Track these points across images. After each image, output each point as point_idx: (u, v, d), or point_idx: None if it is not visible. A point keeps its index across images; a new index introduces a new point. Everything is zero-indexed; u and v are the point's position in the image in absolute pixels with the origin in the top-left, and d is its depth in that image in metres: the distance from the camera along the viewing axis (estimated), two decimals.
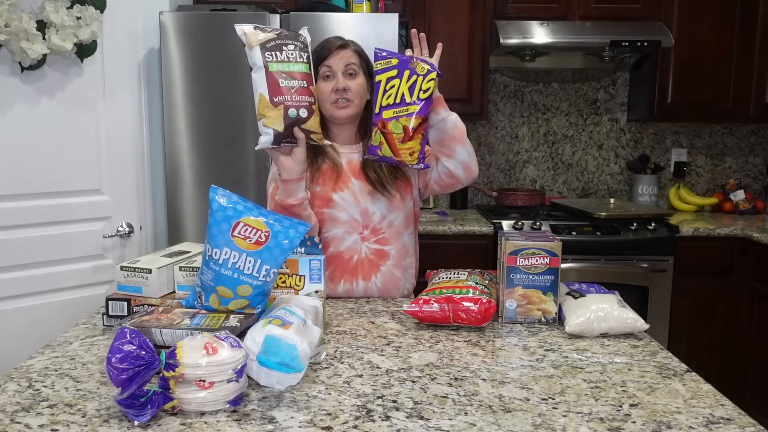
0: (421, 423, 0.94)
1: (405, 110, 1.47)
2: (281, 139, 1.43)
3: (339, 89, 1.61)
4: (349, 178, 1.67)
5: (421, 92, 1.47)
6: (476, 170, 1.66)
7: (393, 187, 1.67)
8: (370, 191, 1.66)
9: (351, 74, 1.63)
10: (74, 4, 2.09)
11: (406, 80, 1.47)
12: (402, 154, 1.50)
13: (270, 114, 1.41)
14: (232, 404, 0.97)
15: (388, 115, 1.48)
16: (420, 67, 1.47)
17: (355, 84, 1.63)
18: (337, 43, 1.64)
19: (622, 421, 0.95)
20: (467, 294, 1.36)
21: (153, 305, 1.32)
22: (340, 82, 1.61)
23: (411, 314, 1.38)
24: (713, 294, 2.91)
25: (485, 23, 3.06)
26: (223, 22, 2.51)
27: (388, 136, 1.49)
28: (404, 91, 1.47)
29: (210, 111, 2.55)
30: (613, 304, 1.36)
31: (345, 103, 1.62)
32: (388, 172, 1.68)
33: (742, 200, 3.30)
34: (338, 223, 1.65)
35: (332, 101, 1.62)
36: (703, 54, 3.10)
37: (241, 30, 1.43)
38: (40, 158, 2.15)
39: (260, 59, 1.41)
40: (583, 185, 3.53)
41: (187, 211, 2.60)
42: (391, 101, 1.48)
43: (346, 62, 1.62)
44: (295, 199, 1.53)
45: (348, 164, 1.69)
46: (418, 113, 1.48)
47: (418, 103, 1.48)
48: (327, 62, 1.62)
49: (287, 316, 1.10)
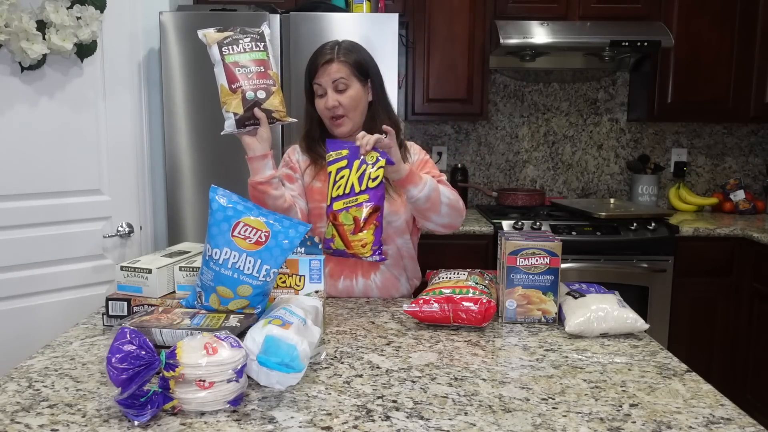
0: (421, 423, 0.94)
1: (354, 200, 1.43)
2: (244, 122, 1.49)
3: (329, 107, 1.61)
4: None
5: (370, 181, 1.42)
6: (459, 222, 1.65)
7: (396, 192, 1.67)
8: None
9: (341, 90, 1.61)
10: (74, 4, 2.09)
11: (356, 170, 1.43)
12: (354, 247, 1.44)
13: (230, 101, 1.47)
14: (232, 404, 0.97)
15: (338, 207, 1.43)
16: (370, 155, 1.43)
17: (346, 97, 1.61)
18: (322, 59, 1.61)
19: (622, 421, 0.95)
20: (467, 294, 1.36)
21: (153, 305, 1.32)
22: (330, 99, 1.61)
23: (411, 314, 1.38)
24: (713, 294, 2.91)
25: (485, 23, 3.06)
26: (224, 22, 2.51)
27: (340, 229, 1.43)
28: (353, 182, 1.43)
29: (210, 111, 2.54)
30: (613, 304, 1.36)
31: (340, 120, 1.63)
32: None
33: (742, 200, 3.30)
34: None
35: (328, 118, 1.64)
36: (703, 54, 3.10)
37: (202, 33, 1.50)
38: (40, 158, 2.15)
39: (218, 54, 1.48)
40: (583, 185, 3.53)
41: (187, 211, 2.60)
42: (340, 192, 1.43)
43: (333, 78, 1.60)
44: (262, 176, 1.52)
45: None
46: (368, 202, 1.42)
47: (368, 192, 1.43)
48: (316, 80, 1.62)
49: (287, 316, 1.10)
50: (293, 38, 2.51)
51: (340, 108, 1.61)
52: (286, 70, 2.53)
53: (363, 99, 1.65)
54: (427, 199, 1.54)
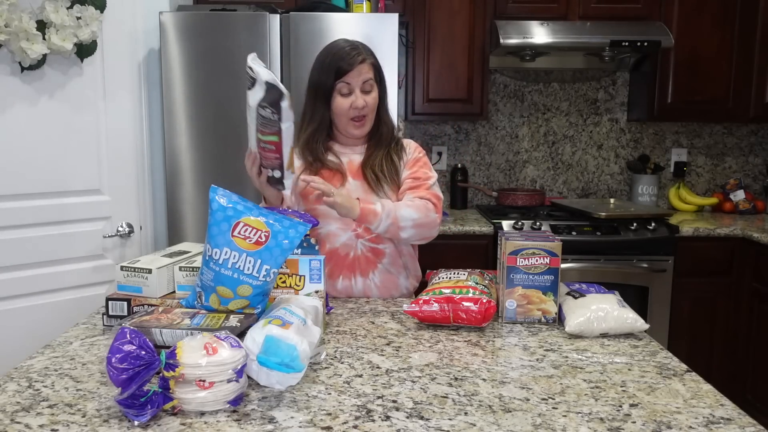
0: (421, 423, 0.94)
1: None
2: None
3: (357, 107, 1.63)
4: (347, 177, 1.70)
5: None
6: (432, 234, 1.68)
7: (391, 189, 1.68)
8: (366, 190, 1.67)
9: (367, 91, 1.65)
10: (74, 4, 2.09)
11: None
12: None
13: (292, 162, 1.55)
14: (232, 404, 0.97)
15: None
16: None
17: (371, 98, 1.66)
18: (357, 59, 1.63)
19: (622, 421, 0.95)
20: (467, 294, 1.36)
21: (153, 305, 1.32)
22: (359, 99, 1.63)
23: (411, 314, 1.38)
24: (713, 294, 2.91)
25: (485, 23, 3.06)
26: (223, 22, 2.51)
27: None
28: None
29: (210, 111, 2.55)
30: (613, 304, 1.36)
31: (362, 121, 1.66)
32: (387, 174, 1.69)
33: (742, 200, 3.30)
34: (332, 219, 1.67)
35: (350, 117, 1.65)
36: (703, 54, 3.10)
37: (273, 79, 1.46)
38: (40, 158, 2.15)
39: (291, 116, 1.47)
40: (583, 185, 3.53)
41: (187, 211, 2.60)
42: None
43: (364, 78, 1.63)
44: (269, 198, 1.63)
45: (348, 164, 1.71)
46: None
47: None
48: (346, 78, 1.62)
49: (287, 316, 1.10)
50: (293, 38, 2.51)
51: (366, 108, 1.65)
52: (286, 70, 2.53)
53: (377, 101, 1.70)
54: (386, 230, 1.61)
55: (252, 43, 2.51)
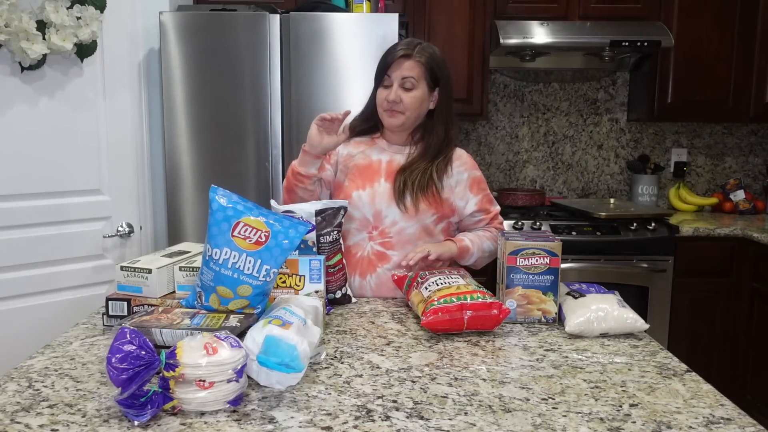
0: (421, 423, 0.94)
1: None
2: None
3: (389, 100, 1.66)
4: (380, 177, 1.70)
5: None
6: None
7: (413, 201, 1.66)
8: (390, 196, 1.68)
9: (408, 88, 1.65)
10: (74, 4, 2.09)
11: None
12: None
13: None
14: (232, 404, 0.97)
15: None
16: None
17: (409, 97, 1.66)
18: (400, 52, 1.65)
19: (622, 421, 0.95)
20: (478, 299, 1.32)
21: (153, 305, 1.32)
22: (393, 93, 1.65)
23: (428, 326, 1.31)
24: (713, 294, 2.91)
25: (485, 23, 3.06)
26: (223, 22, 2.51)
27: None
28: None
29: (210, 111, 2.54)
30: (613, 304, 1.36)
31: (395, 114, 1.67)
32: (418, 189, 1.67)
33: (742, 200, 3.30)
34: (351, 219, 1.70)
35: (384, 108, 1.68)
36: (703, 54, 3.10)
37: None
38: (40, 158, 2.15)
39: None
40: (583, 185, 3.53)
41: (187, 211, 2.60)
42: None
43: (403, 74, 1.65)
44: (306, 170, 1.67)
45: (388, 163, 1.72)
46: None
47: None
48: (388, 71, 1.66)
49: (287, 316, 1.10)
50: (293, 38, 2.51)
51: (401, 105, 1.66)
52: (286, 70, 2.53)
53: (425, 104, 1.70)
54: (474, 263, 1.75)
55: (252, 43, 2.51)
